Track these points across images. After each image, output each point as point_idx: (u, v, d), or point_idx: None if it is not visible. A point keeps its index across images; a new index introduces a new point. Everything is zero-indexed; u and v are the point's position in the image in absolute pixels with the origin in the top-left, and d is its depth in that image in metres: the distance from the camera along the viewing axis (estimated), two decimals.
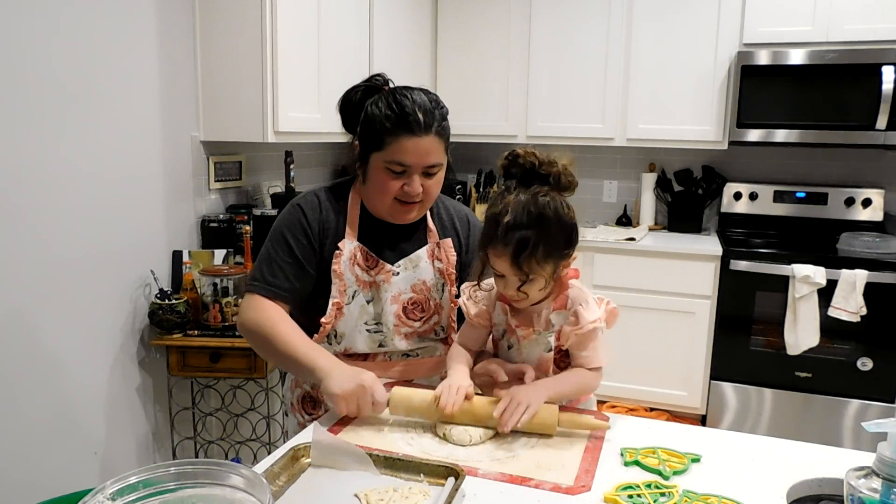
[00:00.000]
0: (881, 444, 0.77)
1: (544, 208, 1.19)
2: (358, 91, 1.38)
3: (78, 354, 1.97)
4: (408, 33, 3.28)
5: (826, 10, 2.95)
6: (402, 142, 1.30)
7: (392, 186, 1.33)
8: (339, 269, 1.37)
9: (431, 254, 1.44)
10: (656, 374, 3.17)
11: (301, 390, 1.47)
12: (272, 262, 1.36)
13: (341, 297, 1.38)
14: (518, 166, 1.24)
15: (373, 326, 1.40)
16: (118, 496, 0.72)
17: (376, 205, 1.39)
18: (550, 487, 0.99)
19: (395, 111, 1.30)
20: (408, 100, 1.32)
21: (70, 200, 1.91)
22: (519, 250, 1.16)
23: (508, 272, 1.20)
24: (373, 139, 1.32)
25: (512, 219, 1.18)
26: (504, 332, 1.33)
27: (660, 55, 3.25)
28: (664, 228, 3.57)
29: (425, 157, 1.33)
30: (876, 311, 2.76)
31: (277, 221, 1.41)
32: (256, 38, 2.25)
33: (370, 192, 1.38)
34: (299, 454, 1.06)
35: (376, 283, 1.39)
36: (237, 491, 0.74)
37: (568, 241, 1.21)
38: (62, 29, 1.85)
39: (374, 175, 1.35)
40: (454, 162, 1.49)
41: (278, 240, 1.38)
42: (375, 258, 1.39)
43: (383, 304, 1.40)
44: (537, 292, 1.23)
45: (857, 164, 3.32)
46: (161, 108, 2.22)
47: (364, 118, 1.34)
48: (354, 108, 1.37)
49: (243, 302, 1.38)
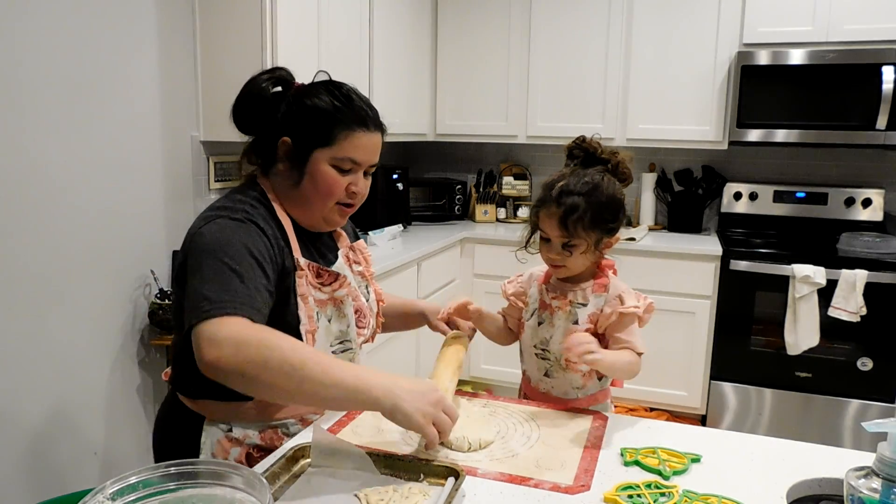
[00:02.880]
0: (881, 444, 0.77)
1: (599, 182, 1.30)
2: (266, 83, 1.22)
3: (78, 354, 1.97)
4: (408, 33, 3.28)
5: (826, 10, 2.95)
6: (357, 136, 1.20)
7: (339, 186, 1.21)
8: (304, 290, 1.19)
9: (347, 258, 1.35)
10: (656, 374, 3.17)
11: (243, 448, 1.20)
12: (244, 280, 1.05)
13: (311, 323, 1.20)
14: (582, 149, 1.36)
15: (338, 346, 1.28)
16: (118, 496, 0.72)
17: (312, 209, 1.24)
18: (550, 487, 0.99)
19: (345, 104, 1.20)
20: (354, 94, 1.23)
21: (70, 200, 1.91)
22: (568, 213, 1.27)
23: (555, 234, 1.29)
24: (317, 134, 1.19)
25: (567, 184, 1.29)
26: (534, 312, 1.40)
27: (660, 55, 3.25)
28: (664, 228, 3.58)
29: (374, 155, 1.25)
30: (876, 311, 2.76)
31: (226, 236, 1.10)
32: (256, 37, 2.25)
33: (306, 195, 1.22)
34: (299, 454, 1.05)
35: (336, 299, 1.25)
36: (237, 491, 0.74)
37: (615, 216, 1.32)
38: (62, 29, 1.85)
39: (316, 175, 1.20)
40: (454, 161, 1.50)
41: (242, 256, 1.07)
42: (332, 272, 1.25)
43: (349, 320, 1.28)
44: (579, 258, 1.31)
45: (857, 164, 3.32)
46: (161, 108, 2.22)
47: (303, 111, 1.20)
48: (265, 104, 1.22)
49: (212, 332, 0.97)
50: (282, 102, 1.22)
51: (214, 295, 1.01)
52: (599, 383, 1.38)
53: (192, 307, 1.01)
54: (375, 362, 2.43)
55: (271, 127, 1.22)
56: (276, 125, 1.22)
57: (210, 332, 0.97)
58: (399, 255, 2.70)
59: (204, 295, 1.01)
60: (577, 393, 1.37)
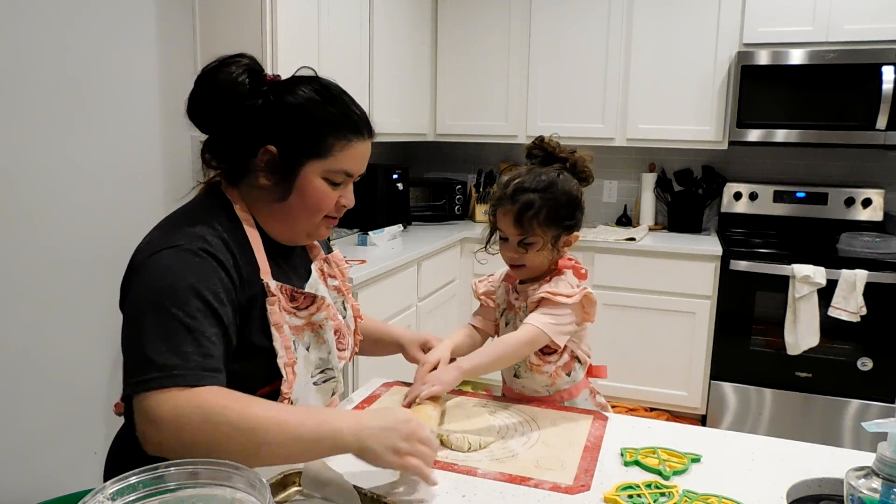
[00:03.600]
0: (881, 444, 0.77)
1: (555, 179, 1.29)
2: (240, 75, 1.03)
3: (78, 354, 1.96)
4: (408, 33, 3.28)
5: (826, 10, 2.95)
6: (352, 146, 1.06)
7: (330, 201, 1.08)
8: (277, 318, 1.04)
9: (322, 272, 1.21)
10: (656, 374, 3.17)
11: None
12: (195, 334, 0.91)
13: (289, 355, 1.05)
14: (541, 149, 1.35)
15: (319, 376, 1.14)
16: (118, 496, 0.72)
17: (295, 225, 1.10)
18: (550, 487, 0.99)
19: (338, 108, 1.06)
20: (346, 96, 1.08)
21: (70, 200, 1.91)
22: (524, 210, 1.26)
23: (511, 231, 1.29)
24: (308, 143, 1.04)
25: (522, 182, 1.29)
26: (504, 310, 1.41)
27: (660, 55, 3.25)
28: (664, 228, 3.57)
29: (366, 164, 1.11)
30: (876, 311, 2.76)
31: (173, 277, 0.94)
32: (256, 37, 2.25)
33: (291, 210, 1.07)
34: (289, 480, 0.98)
35: (313, 324, 1.11)
36: (237, 491, 0.74)
37: (571, 213, 1.30)
38: (62, 29, 1.85)
39: (306, 190, 1.05)
40: (454, 161, 1.50)
41: (193, 304, 0.92)
42: (308, 294, 1.10)
43: (329, 346, 1.14)
44: (536, 256, 1.30)
45: (857, 164, 3.32)
46: (161, 108, 2.22)
47: (290, 114, 1.03)
48: (238, 100, 1.02)
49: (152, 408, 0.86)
50: (256, 98, 1.04)
51: (161, 358, 0.88)
52: (569, 378, 1.36)
53: (133, 369, 0.90)
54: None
55: (244, 128, 1.04)
56: (252, 127, 1.04)
57: (150, 408, 0.86)
58: (399, 255, 2.70)
59: (147, 357, 0.89)
60: (549, 390, 1.36)
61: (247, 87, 1.03)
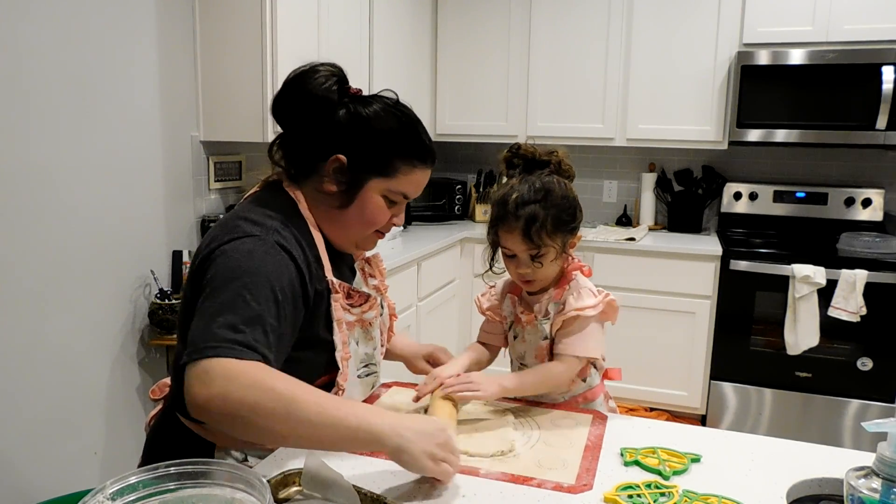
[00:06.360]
0: (881, 444, 0.77)
1: (549, 184, 1.26)
2: (332, 83, 1.10)
3: (78, 354, 1.96)
4: (408, 33, 3.28)
5: (826, 10, 2.95)
6: (415, 172, 1.14)
7: (385, 217, 1.15)
8: (339, 314, 1.13)
9: (363, 272, 1.31)
10: (656, 374, 3.17)
11: None
12: (258, 320, 0.95)
13: (345, 349, 1.14)
14: (520, 157, 1.32)
15: (363, 370, 1.21)
16: (118, 496, 0.72)
17: (348, 233, 1.16)
18: (552, 486, 0.99)
19: (411, 134, 1.13)
20: (420, 124, 1.16)
21: (70, 200, 1.91)
22: (529, 223, 1.23)
23: (520, 248, 1.26)
24: (377, 161, 1.10)
25: (520, 195, 1.25)
26: (512, 324, 1.38)
27: (660, 55, 3.25)
28: (664, 228, 3.58)
29: (422, 190, 1.19)
30: (876, 311, 2.76)
31: (254, 263, 1.00)
32: (256, 38, 2.25)
33: (348, 219, 1.14)
34: (289, 480, 0.98)
35: (364, 321, 1.18)
36: (237, 491, 0.74)
37: (573, 215, 1.28)
38: (62, 29, 1.85)
39: (366, 203, 1.12)
40: (454, 161, 1.49)
41: (262, 291, 0.97)
42: (362, 293, 1.18)
43: (375, 343, 1.23)
44: (549, 267, 1.28)
45: (857, 164, 3.32)
46: (161, 108, 2.22)
47: (365, 131, 1.10)
48: (325, 106, 1.10)
49: (205, 369, 0.89)
50: (339, 108, 1.10)
51: (225, 333, 0.92)
52: (585, 384, 1.36)
53: (194, 341, 0.93)
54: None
55: (321, 134, 1.10)
56: (329, 135, 1.10)
57: (204, 370, 0.89)
58: (399, 255, 2.70)
59: (212, 331, 0.92)
60: (565, 396, 1.36)
61: (336, 96, 1.10)
